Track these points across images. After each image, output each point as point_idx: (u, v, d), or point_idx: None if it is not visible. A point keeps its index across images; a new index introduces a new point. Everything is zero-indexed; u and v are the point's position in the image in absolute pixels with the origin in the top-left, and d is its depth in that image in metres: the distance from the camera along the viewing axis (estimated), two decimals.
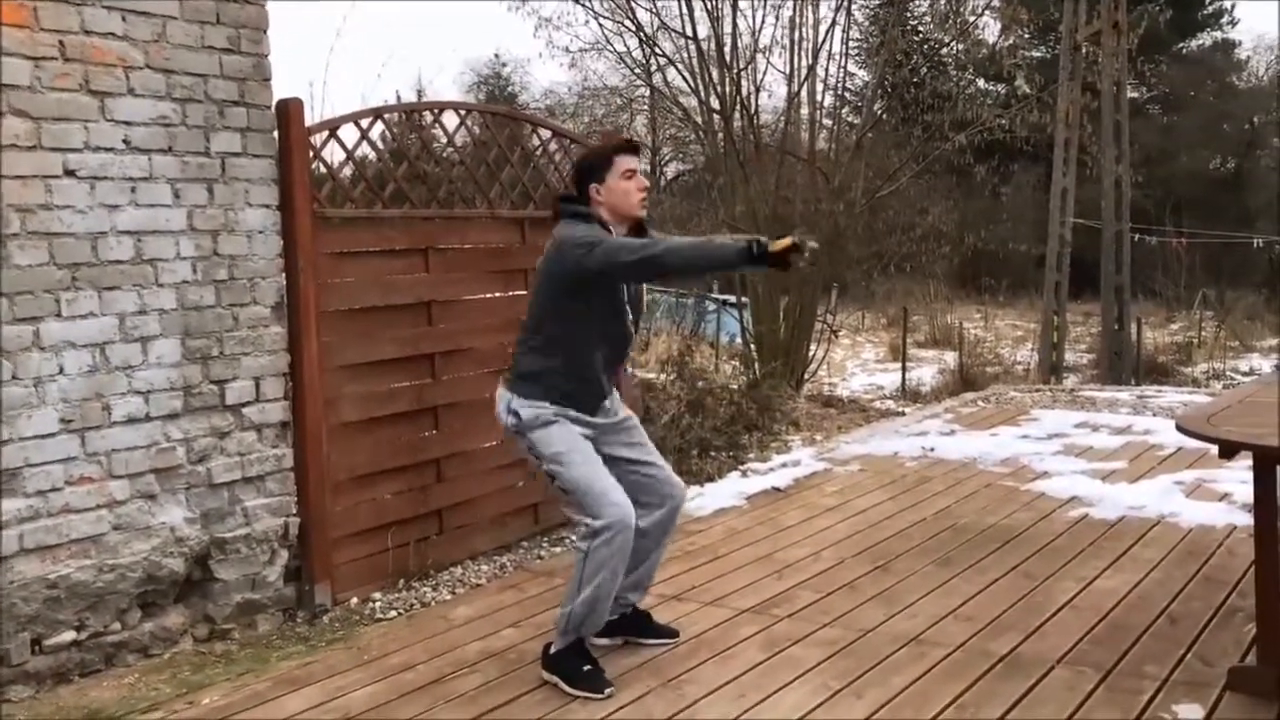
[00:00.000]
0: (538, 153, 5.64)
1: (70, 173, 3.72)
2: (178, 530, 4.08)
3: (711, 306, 16.58)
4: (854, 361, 18.95)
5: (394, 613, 4.54)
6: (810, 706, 3.49)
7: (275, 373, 4.38)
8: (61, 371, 3.73)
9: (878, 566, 4.87)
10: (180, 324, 4.06)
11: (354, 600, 4.64)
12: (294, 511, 4.46)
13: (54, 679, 3.77)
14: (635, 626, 4.06)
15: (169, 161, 3.99)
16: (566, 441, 3.64)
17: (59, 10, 3.67)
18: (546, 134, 5.74)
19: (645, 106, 18.53)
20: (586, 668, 3.68)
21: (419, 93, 20.70)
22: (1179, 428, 3.48)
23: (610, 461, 3.74)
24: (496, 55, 29.94)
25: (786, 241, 3.38)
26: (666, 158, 27.68)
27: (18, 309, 3.62)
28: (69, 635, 3.79)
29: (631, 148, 3.79)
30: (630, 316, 3.78)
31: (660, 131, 23.98)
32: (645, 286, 3.94)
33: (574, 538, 3.69)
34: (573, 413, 3.69)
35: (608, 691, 3.60)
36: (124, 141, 3.86)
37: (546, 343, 3.69)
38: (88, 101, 3.76)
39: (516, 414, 3.67)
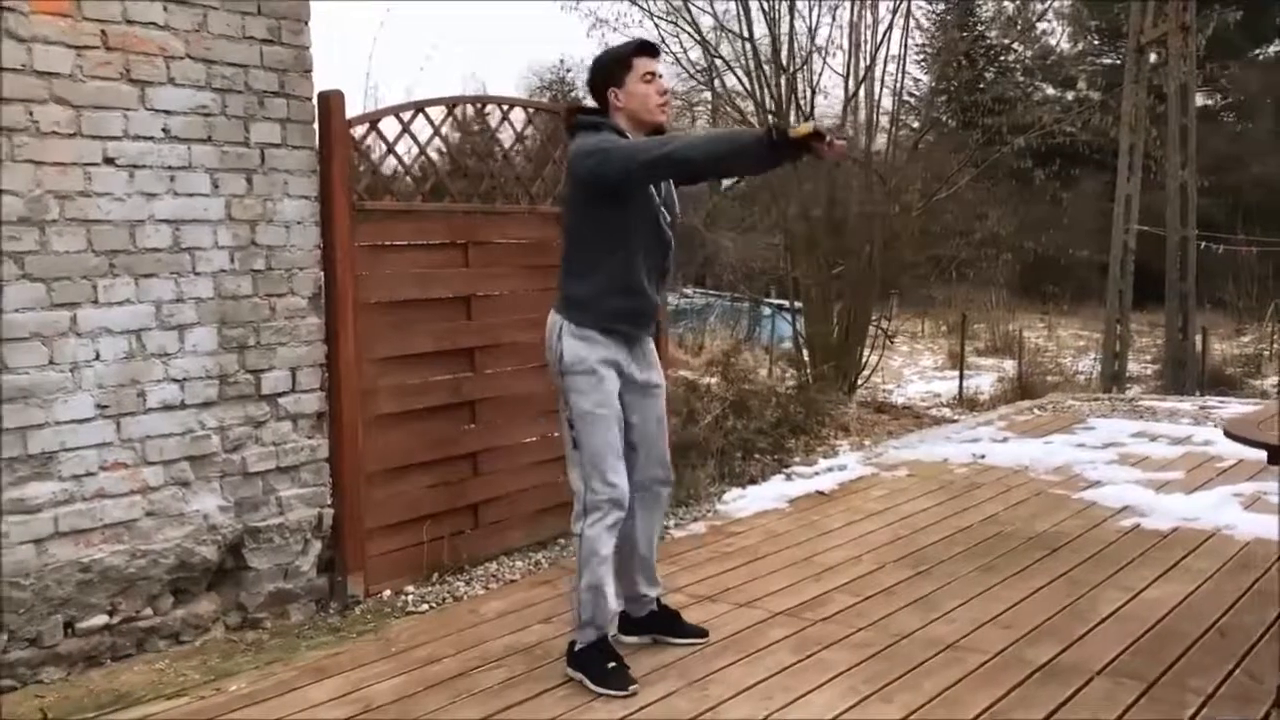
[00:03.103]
0: None
1: (109, 160, 3.76)
2: (211, 518, 4.10)
3: (767, 311, 16.47)
4: (912, 368, 18.70)
5: (426, 606, 4.53)
6: (838, 710, 3.40)
7: (311, 363, 4.39)
8: (98, 357, 3.77)
9: (918, 572, 4.76)
10: (217, 313, 4.08)
11: (387, 592, 4.64)
12: (328, 502, 4.47)
13: (85, 662, 3.80)
14: (664, 625, 4.01)
15: (208, 151, 4.02)
16: (598, 402, 3.56)
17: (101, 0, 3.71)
18: None
19: (708, 110, 18.49)
20: (611, 665, 3.63)
21: (482, 87, 20.83)
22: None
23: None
24: (561, 61, 30.02)
25: (808, 127, 3.26)
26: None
27: (55, 294, 3.66)
28: (101, 619, 3.83)
29: (650, 49, 3.64)
30: (666, 219, 3.67)
31: None
32: (676, 196, 3.79)
33: (571, 522, 3.63)
34: (614, 351, 3.61)
35: (631, 689, 3.55)
36: (163, 130, 3.89)
37: (586, 263, 3.59)
38: (128, 90, 3.79)
39: (561, 348, 3.59)
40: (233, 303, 4.12)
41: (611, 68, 3.59)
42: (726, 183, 12.39)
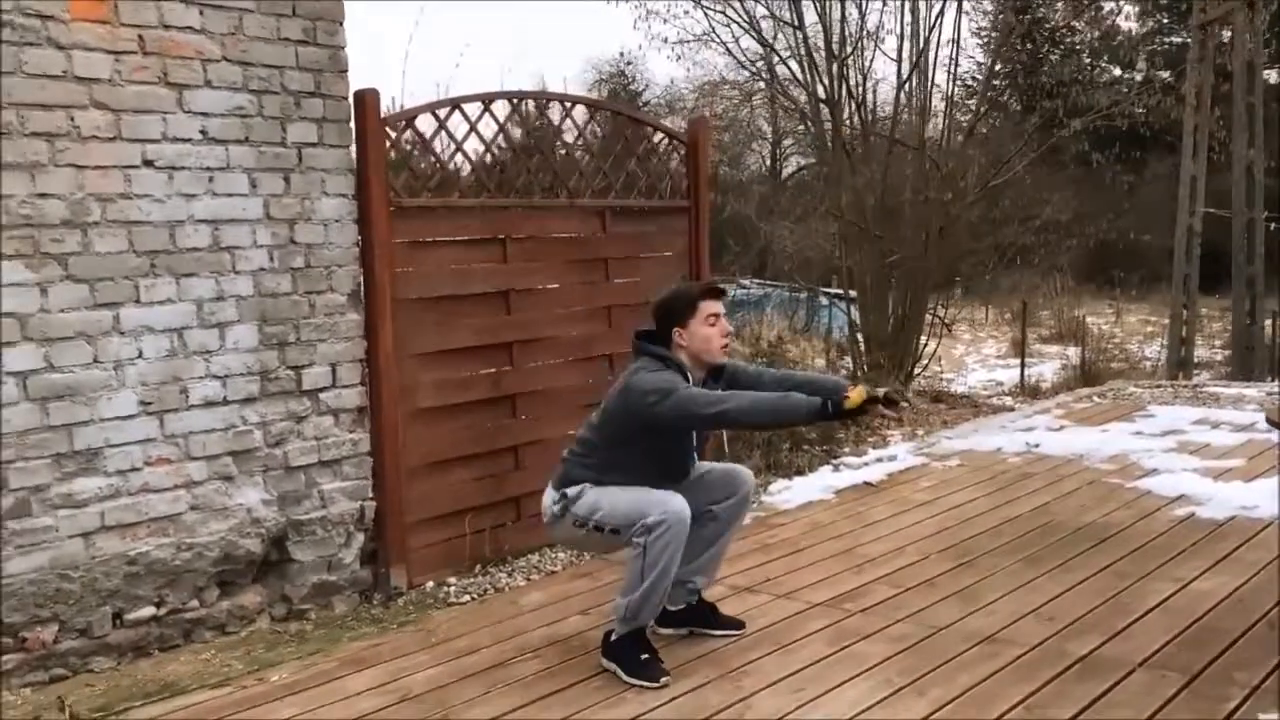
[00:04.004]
0: (619, 143, 5.62)
1: (149, 163, 3.85)
2: (254, 511, 4.18)
3: (825, 301, 16.33)
4: (974, 357, 18.46)
5: (467, 597, 4.58)
6: (869, 703, 3.38)
7: (351, 359, 4.45)
8: (140, 355, 3.86)
9: (961, 563, 4.71)
10: (257, 310, 4.16)
11: (429, 584, 4.69)
12: (370, 495, 4.53)
13: (134, 652, 3.90)
14: (701, 617, 4.01)
15: (246, 151, 4.09)
16: (600, 493, 3.67)
17: (138, 5, 3.79)
18: (621, 119, 5.71)
19: (765, 100, 18.33)
20: (644, 656, 3.64)
21: (541, 82, 20.87)
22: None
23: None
24: (621, 54, 29.95)
25: (860, 396, 3.39)
26: (787, 152, 27.40)
27: (98, 294, 3.76)
28: (148, 610, 3.93)
29: (716, 292, 3.78)
30: (695, 458, 3.82)
31: (781, 124, 23.70)
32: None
33: (631, 538, 3.65)
34: None
35: (663, 681, 3.56)
36: (201, 132, 3.97)
37: (601, 465, 3.71)
38: (166, 94, 3.88)
39: (564, 494, 3.72)
40: (272, 300, 4.19)
41: (677, 308, 3.70)
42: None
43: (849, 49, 10.75)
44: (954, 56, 11.30)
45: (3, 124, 3.53)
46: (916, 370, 10.99)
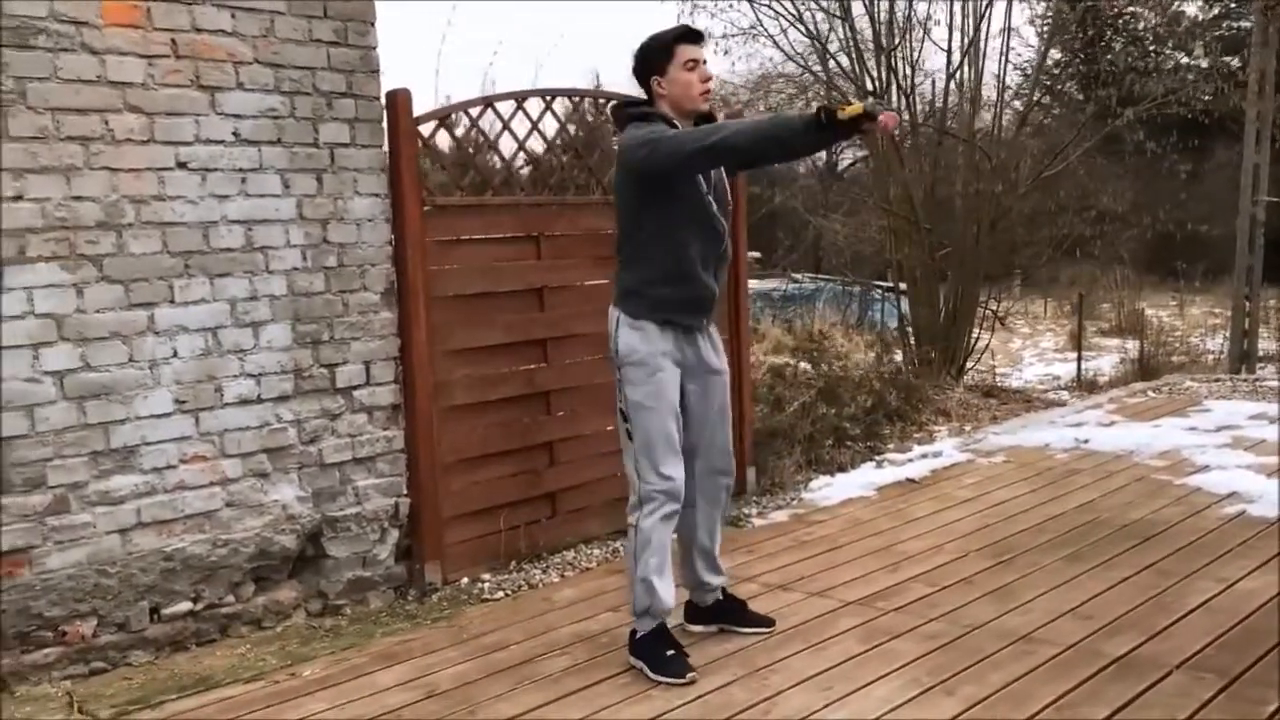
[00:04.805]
0: None
1: (182, 165, 3.91)
2: (289, 508, 4.24)
3: (877, 295, 16.18)
4: (1031, 351, 18.17)
5: (501, 593, 4.60)
6: (898, 701, 3.34)
7: (385, 357, 4.49)
8: (175, 355, 3.92)
9: (1000, 561, 4.63)
10: (290, 309, 4.20)
11: (464, 580, 4.72)
12: (404, 492, 4.56)
13: (171, 646, 3.97)
14: (730, 614, 3.99)
15: (278, 152, 4.14)
16: (651, 394, 3.58)
17: (171, 9, 3.84)
18: None
19: (819, 93, 18.14)
20: (670, 653, 3.63)
21: (595, 79, 20.89)
22: None
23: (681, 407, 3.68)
24: None
25: (857, 108, 3.22)
26: (842, 146, 27.15)
27: (133, 295, 3.82)
28: (185, 605, 3.99)
29: (693, 35, 3.62)
30: (716, 209, 3.65)
31: None
32: (728, 183, 3.81)
33: (627, 514, 3.64)
34: (671, 343, 3.63)
35: (689, 677, 3.54)
36: (233, 134, 4.02)
37: (639, 253, 3.62)
38: (198, 96, 3.93)
39: (618, 342, 3.63)
40: (306, 299, 4.24)
41: (654, 56, 3.59)
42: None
43: (897, 39, 10.61)
44: (1005, 46, 11.09)
45: (39, 128, 3.60)
46: (969, 364, 10.84)
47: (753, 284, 16.43)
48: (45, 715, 3.51)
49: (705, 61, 3.61)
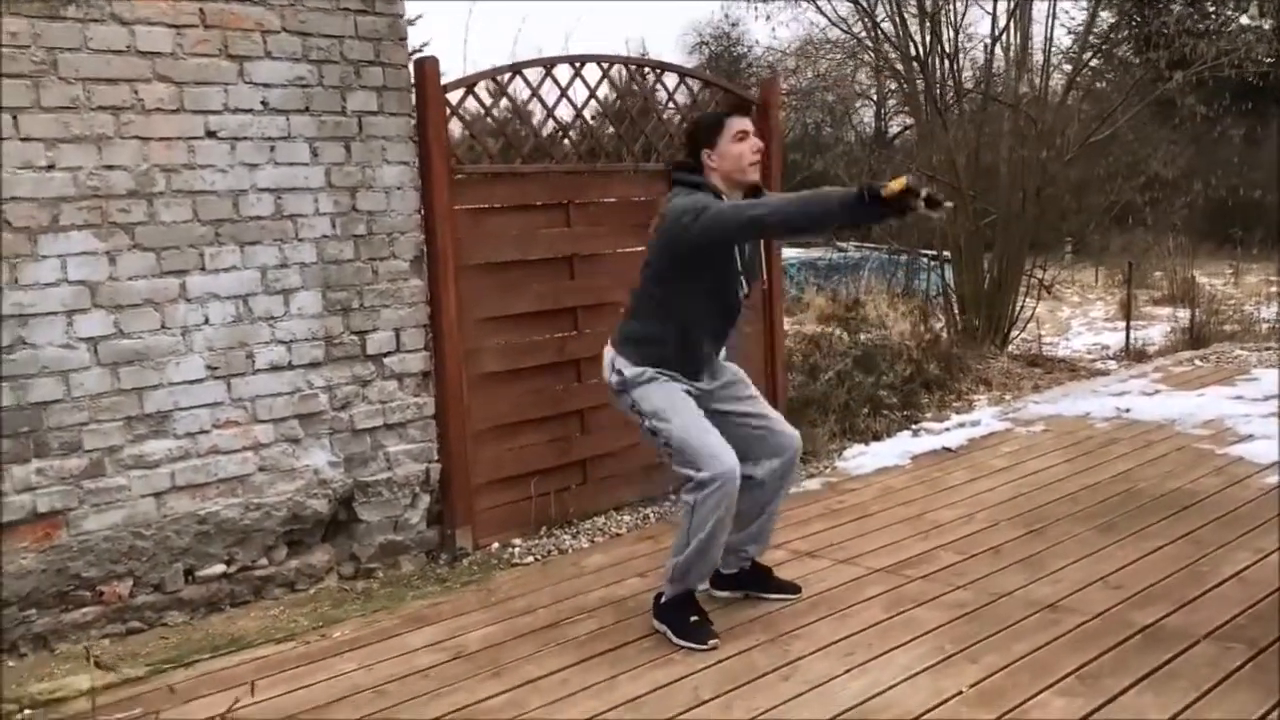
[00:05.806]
0: (686, 103, 5.56)
1: (211, 134, 3.95)
2: (321, 473, 4.30)
3: (923, 264, 16.00)
4: (1080, 320, 17.91)
5: (531, 558, 4.64)
6: (919, 668, 3.34)
7: (415, 324, 4.52)
8: (207, 321, 3.98)
9: (1031, 530, 4.60)
10: (320, 277, 4.25)
11: (495, 545, 4.77)
12: (435, 458, 4.61)
13: (206, 607, 4.05)
14: (756, 581, 4.00)
15: (306, 121, 4.17)
16: (668, 399, 3.61)
17: None
18: (696, 84, 5.65)
19: (869, 60, 17.90)
20: (694, 619, 3.65)
21: (640, 46, 20.75)
22: None
23: (719, 417, 3.68)
24: (726, 15, 29.54)
25: (900, 184, 3.17)
26: (891, 111, 26.79)
27: (165, 263, 3.88)
28: (219, 568, 4.07)
29: (743, 108, 3.71)
30: (743, 289, 3.71)
31: (886, 84, 23.15)
32: (764, 255, 3.86)
33: (682, 493, 3.65)
34: (674, 374, 3.67)
35: (712, 643, 3.56)
36: (262, 103, 4.05)
37: (655, 311, 3.67)
38: (227, 66, 3.97)
39: (620, 372, 3.67)
40: (335, 267, 4.28)
41: (705, 130, 3.66)
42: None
43: (941, 2, 10.44)
44: (1052, 8, 10.87)
45: (70, 98, 3.66)
46: (1013, 333, 10.70)
47: (798, 254, 16.40)
48: (84, 673, 3.60)
49: (754, 132, 3.66)
